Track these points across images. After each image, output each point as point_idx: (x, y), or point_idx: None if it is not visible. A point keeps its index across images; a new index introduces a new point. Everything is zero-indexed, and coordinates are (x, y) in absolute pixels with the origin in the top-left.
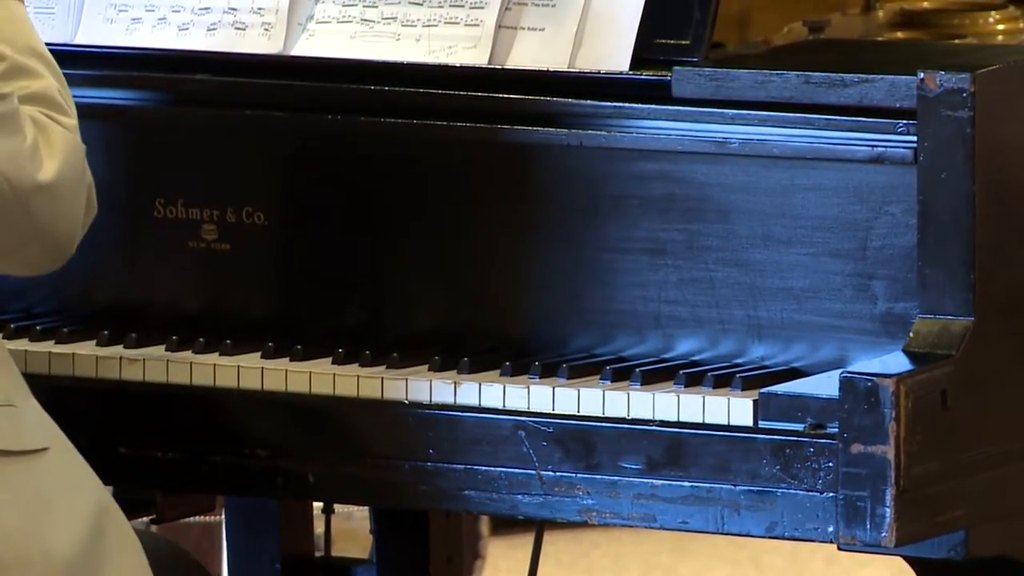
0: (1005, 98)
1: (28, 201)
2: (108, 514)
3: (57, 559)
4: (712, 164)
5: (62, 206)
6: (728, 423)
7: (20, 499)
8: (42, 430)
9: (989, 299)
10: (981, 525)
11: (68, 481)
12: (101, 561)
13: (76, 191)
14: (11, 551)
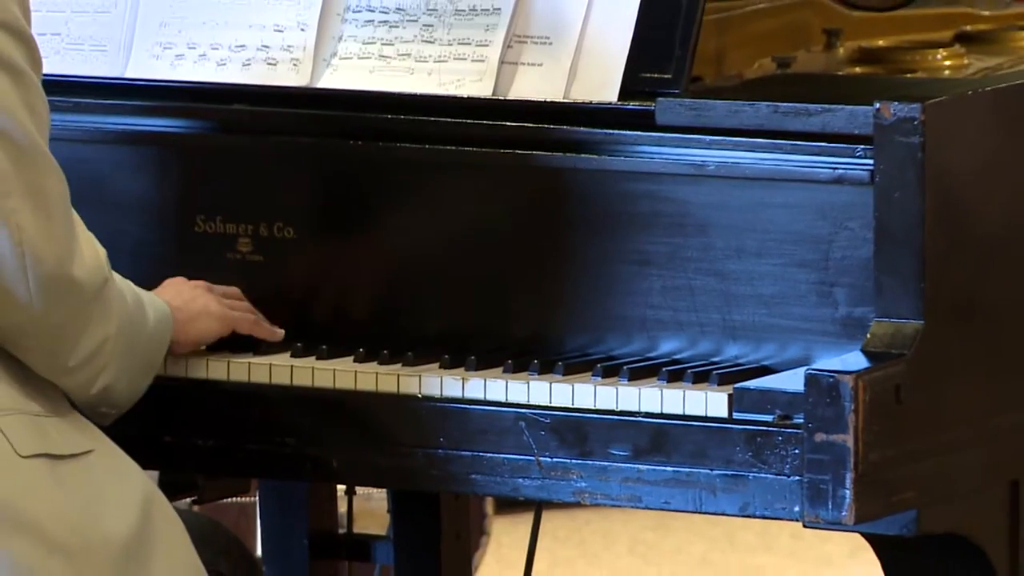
0: (952, 126)
1: (43, 286)
2: (154, 501)
3: (114, 543)
4: (692, 184)
5: (75, 309)
6: (706, 414)
7: (76, 495)
8: (85, 435)
9: (938, 304)
10: (930, 505)
11: (115, 475)
12: (152, 542)
13: (91, 305)
14: (76, 540)
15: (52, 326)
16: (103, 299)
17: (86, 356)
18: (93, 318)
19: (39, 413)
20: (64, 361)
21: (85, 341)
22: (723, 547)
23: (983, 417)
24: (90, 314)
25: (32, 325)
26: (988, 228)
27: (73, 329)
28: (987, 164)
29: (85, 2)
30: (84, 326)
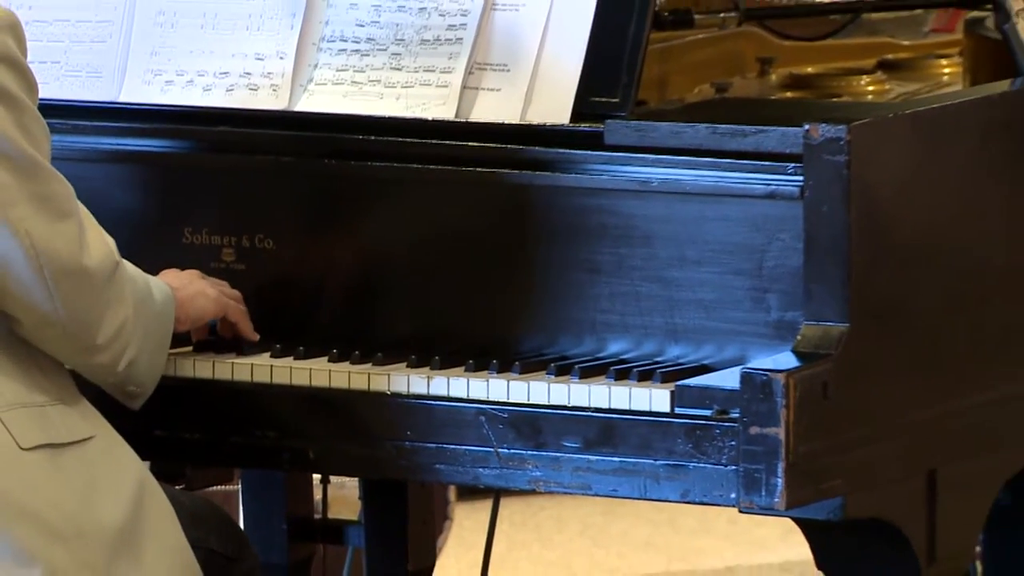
0: (875, 145)
1: (57, 281)
2: (147, 488)
3: (107, 530)
4: (637, 199)
5: (91, 296)
6: (650, 410)
7: (73, 482)
8: (88, 421)
9: (861, 308)
10: (855, 492)
11: (112, 463)
12: (144, 527)
13: (105, 289)
14: (70, 527)
15: (74, 314)
16: (116, 283)
17: (110, 336)
18: (111, 302)
19: (43, 403)
20: (90, 343)
21: (107, 323)
22: (666, 531)
23: (903, 412)
24: (108, 299)
25: (56, 316)
26: (908, 239)
27: (94, 314)
28: (907, 180)
29: (82, 33)
30: (104, 310)
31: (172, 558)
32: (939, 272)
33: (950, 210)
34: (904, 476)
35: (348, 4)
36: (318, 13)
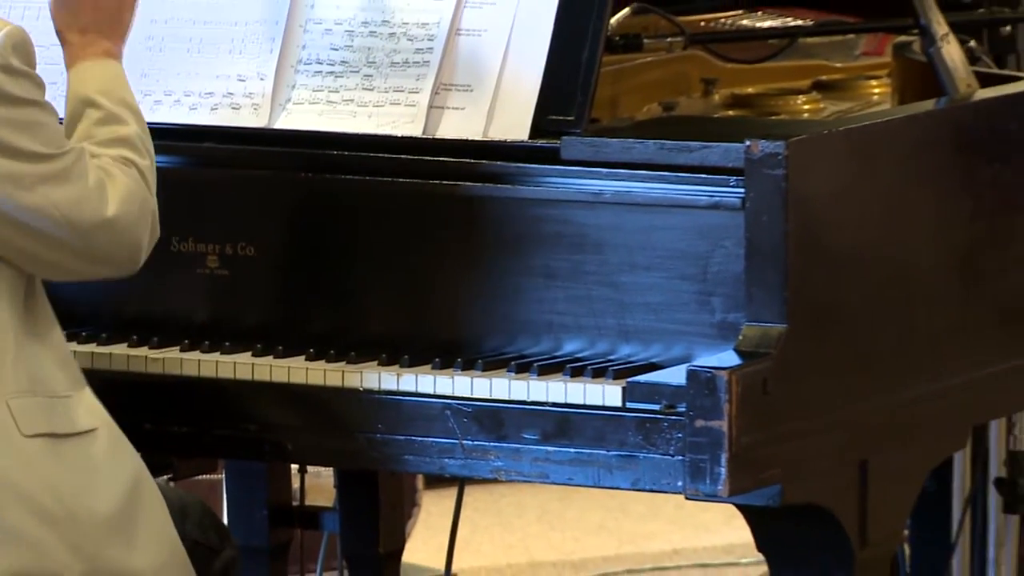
0: (810, 160)
1: (89, 236)
2: (142, 482)
3: (99, 516)
4: (591, 210)
5: (123, 236)
6: (603, 404)
7: (71, 469)
8: (92, 414)
9: (799, 310)
10: (792, 481)
11: (112, 455)
12: (137, 518)
13: (137, 223)
14: (62, 509)
15: (114, 252)
16: (147, 207)
17: (148, 244)
18: (142, 228)
19: (52, 395)
20: (137, 256)
21: (145, 242)
22: (617, 516)
23: (837, 406)
24: (139, 229)
25: (97, 262)
26: (841, 246)
27: (130, 242)
28: (840, 192)
29: None
30: (142, 235)
31: (161, 544)
32: (870, 277)
33: (880, 220)
34: (838, 466)
35: (323, 29)
36: (295, 38)
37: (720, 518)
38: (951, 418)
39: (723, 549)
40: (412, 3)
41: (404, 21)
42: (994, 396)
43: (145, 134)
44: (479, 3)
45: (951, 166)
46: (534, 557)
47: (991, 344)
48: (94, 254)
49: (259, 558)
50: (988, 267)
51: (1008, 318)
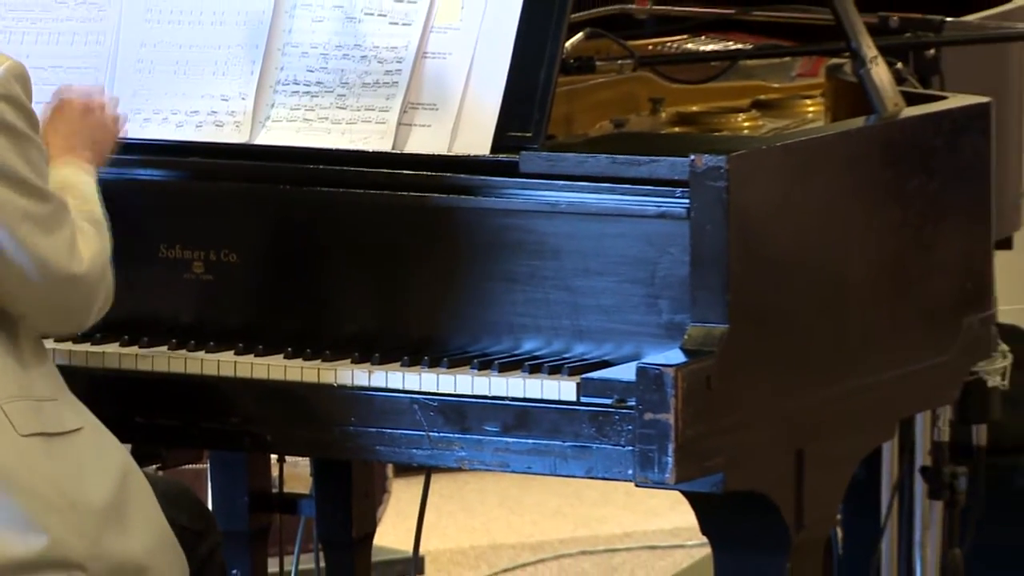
0: (750, 173)
1: (56, 286)
2: (130, 472)
3: (94, 506)
4: (548, 219)
5: (83, 295)
6: (559, 399)
7: (65, 465)
8: (77, 414)
9: (740, 312)
10: (733, 469)
11: (99, 450)
12: (127, 505)
13: (98, 285)
14: (63, 500)
15: (68, 311)
16: (105, 278)
17: (96, 316)
18: (98, 294)
19: (40, 398)
20: (85, 320)
21: (95, 310)
22: (572, 501)
23: (775, 400)
24: (96, 293)
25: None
26: (779, 253)
27: (85, 308)
28: (777, 203)
29: (72, 78)
30: (93, 303)
31: (153, 529)
32: (806, 281)
33: (815, 228)
34: (776, 455)
35: (300, 53)
36: (274, 60)
37: (667, 504)
38: (880, 411)
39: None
40: (382, 28)
41: (375, 45)
42: (919, 391)
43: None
44: (444, 28)
45: (880, 179)
46: (495, 540)
47: (916, 343)
48: (53, 303)
49: (240, 541)
50: (914, 272)
51: (931, 319)
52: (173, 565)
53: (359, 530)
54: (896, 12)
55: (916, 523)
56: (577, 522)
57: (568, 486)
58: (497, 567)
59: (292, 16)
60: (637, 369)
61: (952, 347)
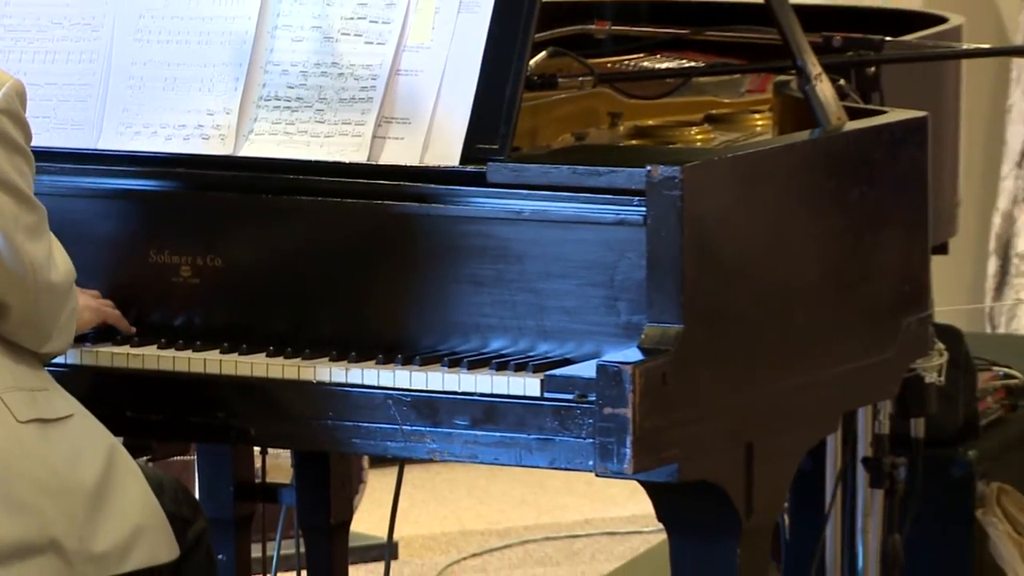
0: (703, 182)
1: (38, 295)
2: (116, 452)
3: (87, 486)
4: (513, 226)
5: (56, 305)
6: (524, 395)
7: (58, 449)
8: (66, 402)
9: (693, 313)
10: (687, 460)
11: (87, 434)
12: (115, 483)
13: (66, 297)
14: (57, 483)
15: (40, 318)
16: (72, 292)
17: (60, 332)
18: (65, 307)
19: (33, 388)
20: (47, 337)
21: (61, 324)
22: (537, 491)
23: (727, 395)
24: (64, 305)
25: (31, 314)
26: (730, 257)
27: (53, 318)
28: (728, 210)
29: (68, 94)
30: (59, 314)
31: (142, 508)
32: (755, 284)
33: (763, 234)
34: (727, 447)
35: (281, 70)
36: (257, 77)
37: (625, 492)
38: (824, 406)
39: (628, 519)
40: (358, 47)
41: (351, 63)
42: (861, 387)
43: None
44: (416, 47)
45: (824, 188)
46: (465, 527)
47: (858, 342)
48: (31, 307)
49: (226, 528)
50: (855, 275)
51: (872, 320)
52: (161, 540)
53: (337, 517)
54: (839, 32)
55: (858, 510)
56: (541, 510)
57: (533, 476)
58: (466, 552)
59: (273, 36)
60: (597, 367)
61: (892, 346)
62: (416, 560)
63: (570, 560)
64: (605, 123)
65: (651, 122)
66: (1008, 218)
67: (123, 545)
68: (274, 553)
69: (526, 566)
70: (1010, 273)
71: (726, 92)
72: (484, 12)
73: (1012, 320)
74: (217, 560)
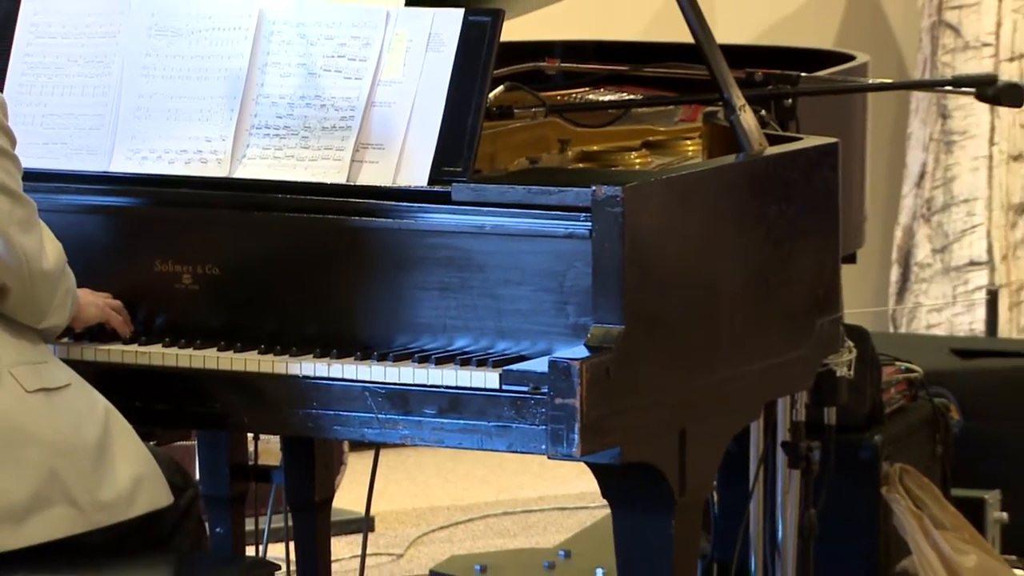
0: (641, 201)
1: (33, 281)
2: (111, 413)
3: (90, 444)
4: (475, 239)
5: (49, 289)
6: (485, 387)
7: (63, 413)
8: (65, 372)
9: (633, 315)
10: (629, 444)
11: (86, 399)
12: (113, 441)
13: (59, 281)
14: (65, 443)
15: (36, 300)
16: (64, 277)
17: (56, 311)
18: (58, 290)
19: (35, 362)
20: (47, 309)
21: (55, 304)
22: (497, 471)
23: (663, 387)
24: (57, 288)
25: (28, 298)
26: (665, 267)
27: (48, 299)
28: (663, 225)
29: (83, 123)
30: (53, 295)
31: (139, 459)
32: (687, 289)
33: (694, 246)
34: (663, 433)
35: (271, 102)
36: (249, 109)
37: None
38: (748, 396)
39: (576, 496)
40: (338, 82)
41: (332, 96)
42: (780, 379)
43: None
44: (389, 82)
45: (747, 205)
46: (433, 503)
47: (778, 340)
48: (27, 293)
49: (223, 505)
50: (775, 282)
51: (790, 320)
52: (160, 487)
53: (320, 495)
54: (760, 68)
55: (778, 488)
56: (500, 488)
57: (492, 458)
58: (434, 525)
59: (264, 72)
60: (549, 362)
61: (807, 343)
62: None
63: (525, 532)
64: (555, 149)
65: (596, 148)
66: (908, 232)
67: (127, 493)
68: (265, 527)
69: (487, 537)
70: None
71: (661, 121)
72: (449, 51)
73: (912, 321)
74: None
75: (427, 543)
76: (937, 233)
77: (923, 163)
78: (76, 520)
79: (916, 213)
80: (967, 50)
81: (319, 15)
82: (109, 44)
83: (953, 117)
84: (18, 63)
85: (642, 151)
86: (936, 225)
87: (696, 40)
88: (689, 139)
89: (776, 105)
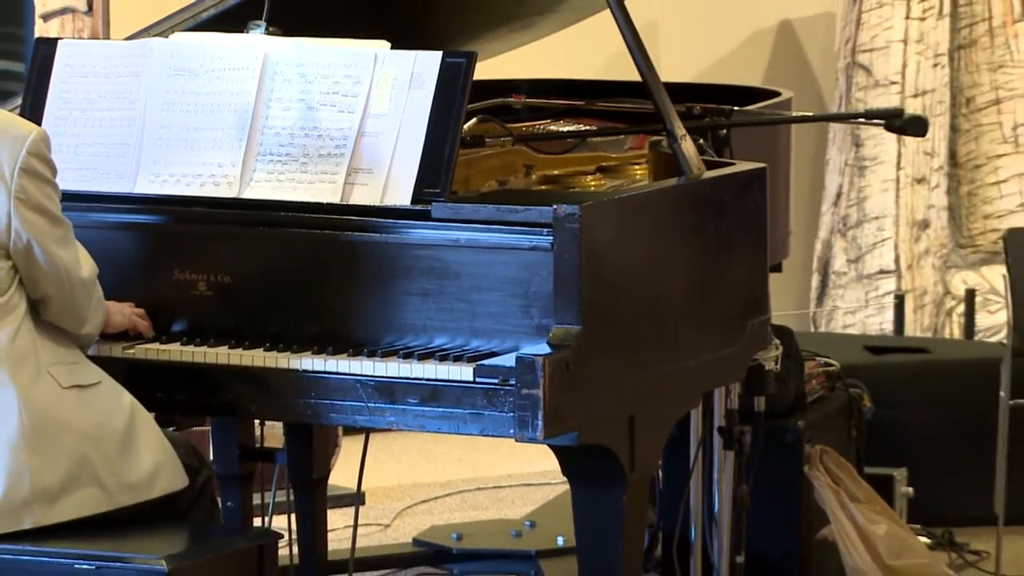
0: (596, 217)
1: (73, 290)
2: (135, 407)
3: (117, 433)
4: (452, 251)
5: (87, 297)
6: (460, 380)
7: (94, 407)
8: (95, 372)
9: (589, 317)
10: (585, 429)
11: (114, 395)
12: (137, 431)
13: (93, 289)
14: (96, 432)
15: (76, 302)
16: (96, 286)
17: (92, 317)
18: (92, 298)
19: (70, 362)
20: (83, 322)
21: (92, 311)
22: (471, 452)
23: (614, 380)
24: (91, 296)
25: (69, 304)
26: (617, 275)
27: (86, 306)
28: (617, 240)
29: (110, 151)
30: (89, 303)
31: (159, 449)
32: (636, 295)
33: (643, 258)
34: (615, 419)
35: (274, 132)
36: (256, 138)
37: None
38: (689, 387)
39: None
40: (332, 115)
41: (327, 127)
42: (717, 372)
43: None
44: (377, 114)
45: (688, 222)
46: (416, 480)
47: (715, 338)
48: (67, 301)
49: (234, 482)
50: (712, 288)
51: (725, 321)
52: (177, 472)
53: (318, 473)
54: (699, 103)
55: (715, 467)
56: (474, 467)
57: (468, 441)
58: (417, 499)
59: (268, 107)
60: (516, 358)
61: (740, 341)
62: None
63: (496, 505)
64: (521, 173)
65: (556, 172)
66: (827, 245)
67: (148, 477)
68: (271, 501)
69: (463, 510)
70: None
71: (613, 149)
72: (429, 88)
73: (830, 322)
74: (219, 502)
75: (411, 515)
76: (852, 246)
77: (839, 185)
78: (103, 500)
79: (833, 228)
80: (877, 87)
81: (316, 56)
82: (134, 82)
83: (865, 145)
84: (55, 99)
85: (597, 175)
86: (851, 239)
87: (643, 79)
88: (637, 164)
89: (712, 135)
